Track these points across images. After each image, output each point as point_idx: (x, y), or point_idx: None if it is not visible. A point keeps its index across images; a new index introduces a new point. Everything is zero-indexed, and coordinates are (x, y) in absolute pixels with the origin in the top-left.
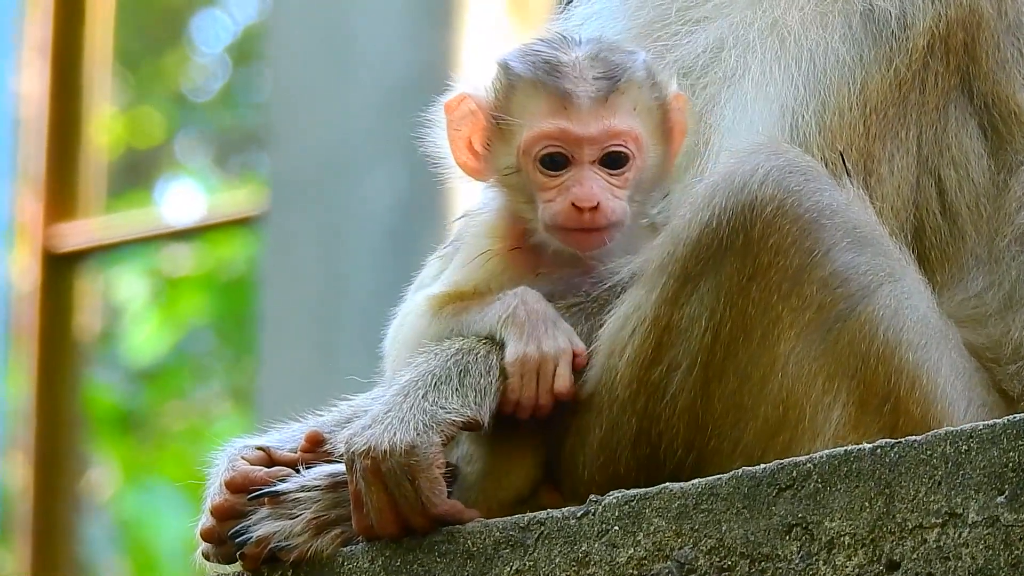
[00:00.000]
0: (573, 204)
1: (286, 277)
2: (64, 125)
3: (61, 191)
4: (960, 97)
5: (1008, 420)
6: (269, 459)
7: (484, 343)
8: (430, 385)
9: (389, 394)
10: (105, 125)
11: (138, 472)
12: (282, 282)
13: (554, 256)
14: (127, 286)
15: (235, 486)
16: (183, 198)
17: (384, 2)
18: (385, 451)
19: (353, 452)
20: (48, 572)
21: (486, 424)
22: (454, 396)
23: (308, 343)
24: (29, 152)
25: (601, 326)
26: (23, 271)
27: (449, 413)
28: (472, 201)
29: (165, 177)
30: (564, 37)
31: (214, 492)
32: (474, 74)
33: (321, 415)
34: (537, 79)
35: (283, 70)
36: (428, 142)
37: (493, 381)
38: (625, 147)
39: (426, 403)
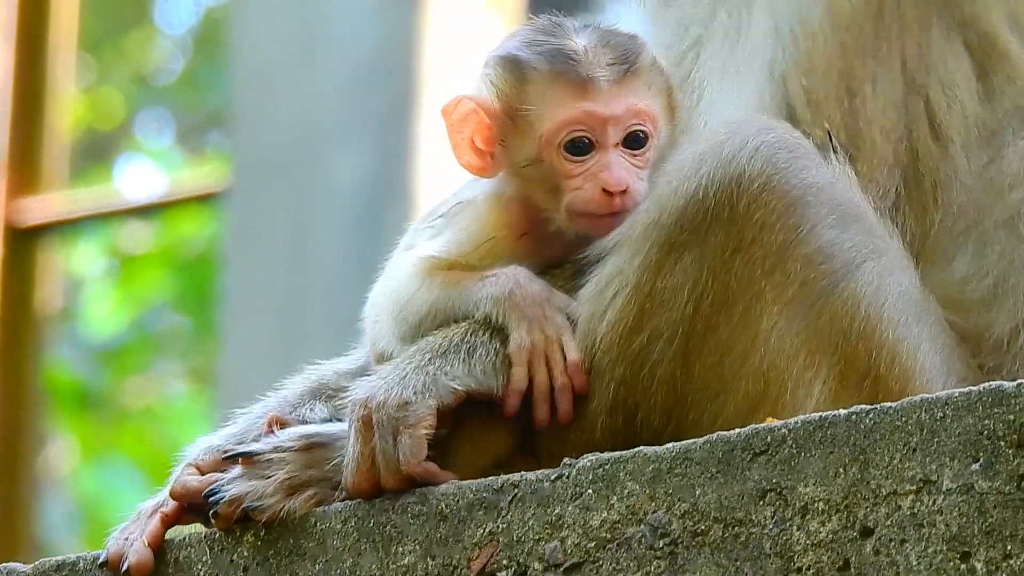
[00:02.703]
0: (603, 190)
1: (250, 256)
2: (28, 104)
3: (24, 167)
4: (943, 12)
5: (983, 388)
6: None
7: (484, 327)
8: (436, 353)
9: (396, 360)
10: (68, 105)
11: (97, 449)
12: (245, 261)
13: (565, 243)
14: (89, 262)
15: (176, 495)
16: (145, 177)
17: None
18: (379, 402)
19: (351, 401)
20: (7, 548)
21: (499, 395)
22: (460, 366)
23: (271, 323)
24: None
25: (581, 286)
26: None
27: (451, 380)
28: (465, 187)
29: (127, 157)
30: (561, 25)
31: (161, 502)
32: (466, 78)
33: (282, 389)
34: (554, 68)
35: (248, 47)
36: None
37: (499, 365)
38: (645, 127)
39: (430, 367)
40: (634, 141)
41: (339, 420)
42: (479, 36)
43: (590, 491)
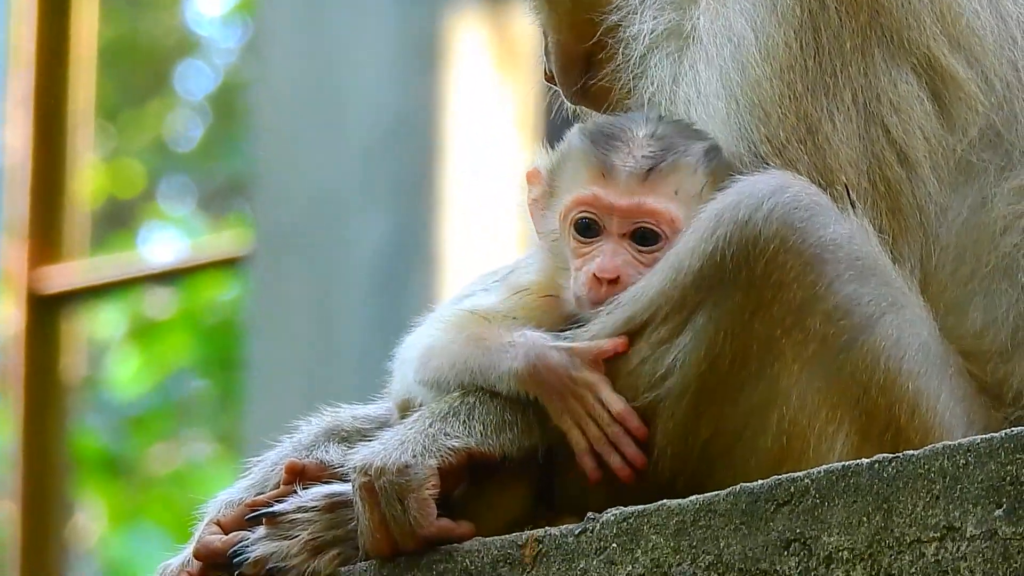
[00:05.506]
0: (594, 274)
1: (273, 320)
2: (48, 173)
3: (46, 235)
4: (882, 40)
5: (1006, 434)
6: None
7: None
8: (437, 416)
9: (397, 425)
10: (88, 175)
11: (125, 515)
12: (269, 325)
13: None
14: (112, 328)
15: (200, 556)
16: (167, 243)
17: (370, 46)
18: (379, 469)
19: (352, 467)
20: None
21: (503, 457)
22: (459, 426)
23: (296, 387)
24: (14, 200)
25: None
26: (8, 315)
27: (451, 440)
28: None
29: (149, 224)
30: (645, 114)
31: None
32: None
33: (296, 433)
34: (587, 148)
35: (267, 113)
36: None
37: (507, 418)
38: (656, 227)
39: (431, 430)
40: (641, 238)
41: None
42: (500, 98)
43: (614, 545)
